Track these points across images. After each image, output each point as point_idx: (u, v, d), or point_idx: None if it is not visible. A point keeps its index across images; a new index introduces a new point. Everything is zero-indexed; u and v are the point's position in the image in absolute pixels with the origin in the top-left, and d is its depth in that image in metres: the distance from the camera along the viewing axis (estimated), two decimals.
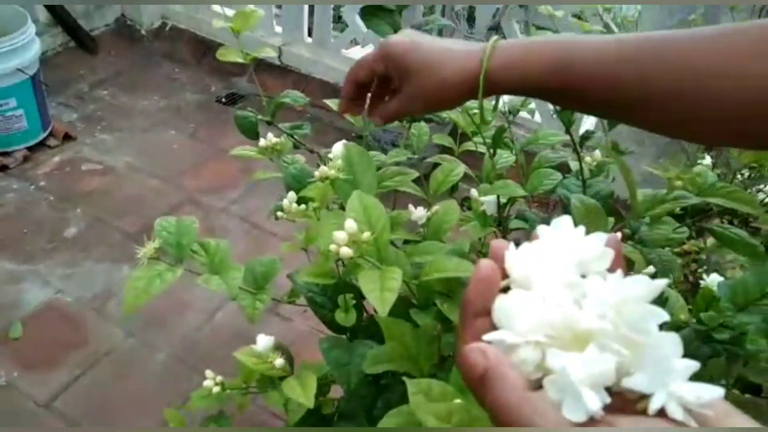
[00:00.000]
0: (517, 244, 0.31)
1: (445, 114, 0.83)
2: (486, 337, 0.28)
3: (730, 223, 1.58)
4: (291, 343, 0.78)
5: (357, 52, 2.57)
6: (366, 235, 0.44)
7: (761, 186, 1.52)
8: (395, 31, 0.77)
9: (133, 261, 1.84)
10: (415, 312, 0.55)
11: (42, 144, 2.26)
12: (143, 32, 2.89)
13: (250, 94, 2.70)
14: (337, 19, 2.77)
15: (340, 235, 0.43)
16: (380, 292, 0.41)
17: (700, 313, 0.74)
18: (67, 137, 2.31)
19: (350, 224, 0.43)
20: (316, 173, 0.54)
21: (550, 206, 1.17)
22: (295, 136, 0.78)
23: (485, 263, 0.30)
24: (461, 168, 0.82)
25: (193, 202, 2.13)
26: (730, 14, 1.60)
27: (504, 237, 0.85)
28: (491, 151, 0.80)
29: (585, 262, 0.29)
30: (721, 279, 0.77)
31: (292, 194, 0.75)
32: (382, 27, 0.76)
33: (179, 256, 0.66)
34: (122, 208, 2.07)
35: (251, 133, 0.74)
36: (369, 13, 0.76)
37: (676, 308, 0.69)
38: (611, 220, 0.64)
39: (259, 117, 0.74)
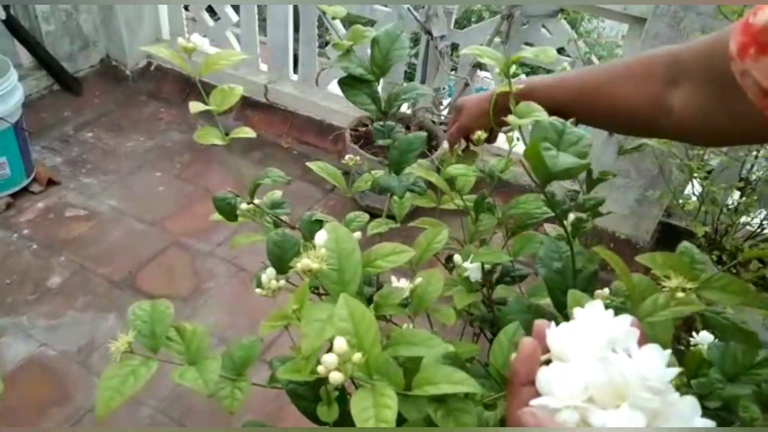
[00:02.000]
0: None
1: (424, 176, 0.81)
2: (533, 402, 0.34)
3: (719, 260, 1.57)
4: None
5: None
6: (357, 356, 0.42)
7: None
8: (373, 101, 0.76)
9: (118, 310, 1.83)
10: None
11: (25, 190, 2.24)
12: (128, 72, 2.88)
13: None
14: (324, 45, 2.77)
15: (330, 359, 0.41)
16: (375, 421, 0.39)
17: (690, 375, 0.72)
18: (51, 182, 2.29)
19: (340, 344, 0.42)
20: (298, 265, 0.52)
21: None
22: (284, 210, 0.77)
23: (528, 341, 0.37)
24: (445, 233, 0.81)
25: (179, 246, 2.11)
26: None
27: (490, 301, 0.83)
28: (473, 215, 0.79)
29: (614, 339, 0.35)
30: (710, 336, 0.76)
31: (271, 271, 0.73)
32: (360, 97, 0.75)
33: (154, 346, 0.64)
34: (107, 255, 2.04)
35: (231, 216, 0.72)
36: (347, 84, 0.75)
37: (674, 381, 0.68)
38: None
39: (238, 197, 0.72)
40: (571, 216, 0.79)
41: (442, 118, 2.20)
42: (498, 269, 0.88)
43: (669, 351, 0.33)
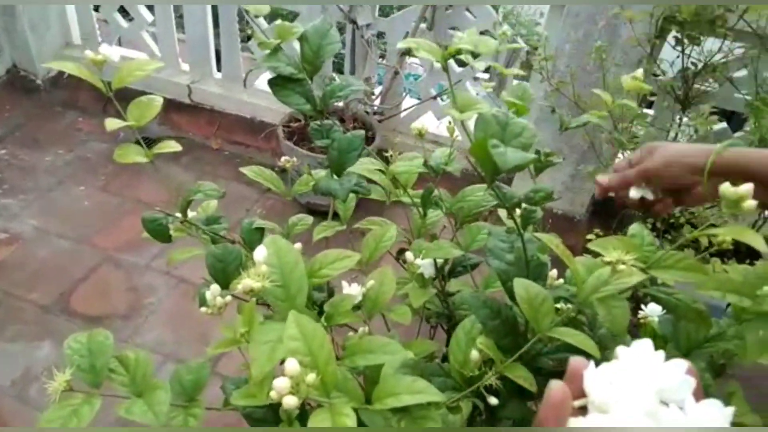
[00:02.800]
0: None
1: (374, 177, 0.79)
2: None
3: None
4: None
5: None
6: (311, 377, 0.39)
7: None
8: (307, 100, 0.73)
9: (53, 336, 1.72)
10: None
11: None
12: (39, 82, 2.71)
13: (162, 137, 2.58)
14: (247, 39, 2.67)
15: (281, 383, 0.38)
16: None
17: None
18: None
19: (292, 366, 0.39)
20: (239, 287, 0.49)
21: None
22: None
23: (558, 388, 0.32)
24: (393, 231, 0.79)
25: (112, 263, 2.00)
26: (630, 26, 1.66)
27: (444, 295, 0.82)
28: (421, 211, 0.77)
29: (665, 390, 0.30)
30: (658, 308, 0.78)
31: (215, 287, 0.69)
32: (292, 98, 0.71)
33: (95, 381, 0.59)
34: (34, 279, 1.91)
35: (163, 237, 0.67)
36: (277, 85, 0.71)
37: None
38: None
39: (170, 216, 0.68)
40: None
41: (375, 108, 2.17)
42: (450, 260, 0.87)
43: (732, 409, 0.29)
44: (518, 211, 0.71)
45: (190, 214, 0.80)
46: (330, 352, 0.43)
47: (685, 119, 1.66)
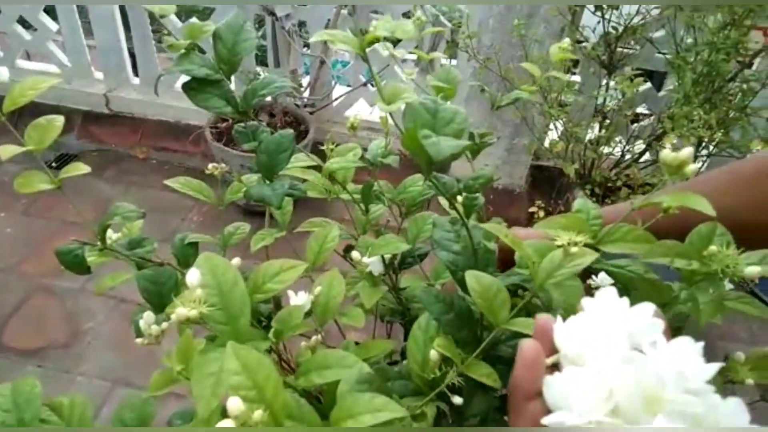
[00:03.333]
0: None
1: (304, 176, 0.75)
2: (545, 420, 0.28)
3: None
4: None
5: None
6: (258, 414, 0.36)
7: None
8: (228, 102, 0.68)
9: None
10: None
11: None
12: None
13: (83, 151, 2.44)
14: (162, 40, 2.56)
15: (226, 424, 0.34)
16: None
17: None
18: None
19: (234, 405, 0.35)
20: (173, 317, 0.45)
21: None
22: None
23: (528, 345, 0.31)
24: (336, 230, 0.75)
25: (44, 290, 1.88)
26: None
27: (396, 290, 0.80)
28: (362, 207, 0.74)
29: (636, 333, 0.30)
30: (609, 278, 0.78)
31: (149, 315, 0.64)
32: (211, 101, 0.66)
33: None
34: None
35: (82, 268, 0.61)
36: (193, 89, 0.66)
37: None
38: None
39: (88, 245, 0.62)
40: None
41: (305, 100, 2.12)
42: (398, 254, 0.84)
43: (701, 343, 0.29)
44: (460, 198, 0.69)
45: (116, 235, 0.74)
46: (278, 382, 0.39)
47: (611, 83, 1.69)
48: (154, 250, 0.66)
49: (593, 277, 0.85)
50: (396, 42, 0.72)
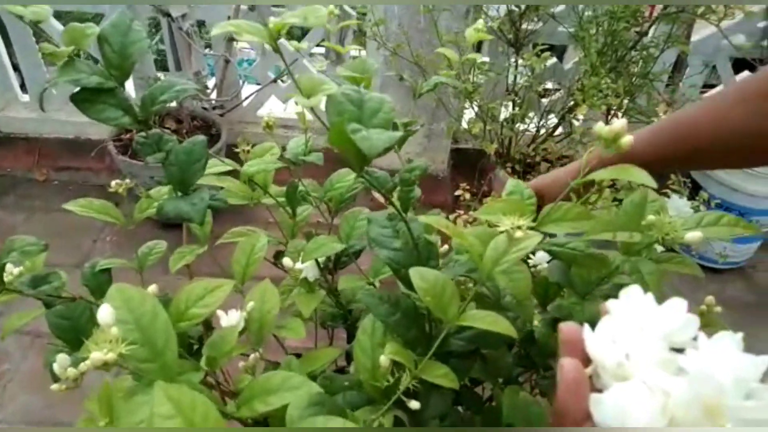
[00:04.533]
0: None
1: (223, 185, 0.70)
2: None
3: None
4: None
5: None
6: None
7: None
8: (125, 111, 0.61)
9: None
10: None
11: None
12: None
13: None
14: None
15: None
16: None
17: (541, 300, 0.73)
18: None
19: None
20: (88, 363, 0.39)
21: None
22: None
23: (569, 366, 0.29)
24: (263, 239, 0.70)
25: None
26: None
27: (335, 293, 0.76)
28: (289, 210, 0.69)
29: (672, 333, 0.28)
30: (546, 255, 0.77)
31: (62, 358, 0.57)
32: (106, 112, 0.59)
33: None
34: None
35: None
36: (84, 100, 0.59)
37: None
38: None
39: None
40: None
41: (213, 102, 2.02)
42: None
43: (740, 334, 0.27)
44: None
45: (18, 269, 0.66)
46: (217, 420, 0.34)
47: (520, 60, 1.71)
48: (63, 285, 0.59)
49: (530, 256, 0.84)
50: (301, 37, 0.67)
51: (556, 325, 0.70)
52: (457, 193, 1.64)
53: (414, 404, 0.50)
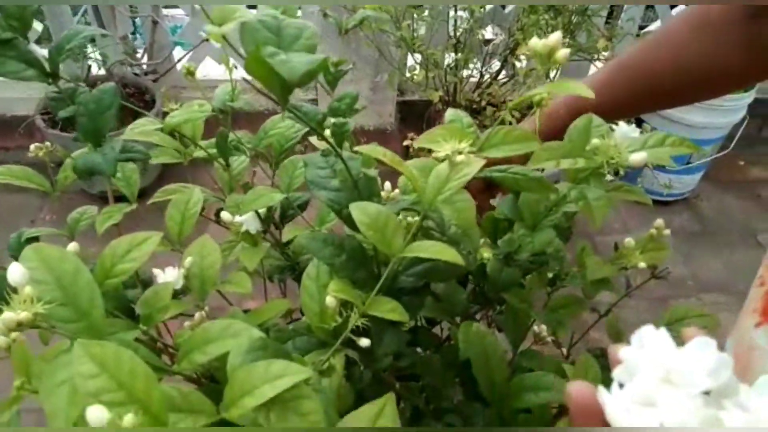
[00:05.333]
0: None
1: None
2: None
3: None
4: None
5: None
6: (129, 419, 0.29)
7: None
8: (29, 64, 0.56)
9: None
10: None
11: None
12: None
13: None
14: None
15: None
16: None
17: (491, 236, 0.72)
18: None
19: (96, 416, 0.28)
20: (0, 325, 0.35)
21: None
22: None
23: (577, 389, 0.25)
24: (197, 193, 0.67)
25: None
26: None
27: (281, 245, 0.73)
28: (222, 162, 0.66)
29: (704, 379, 0.23)
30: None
31: None
32: (7, 65, 0.54)
33: None
34: None
35: None
36: None
37: (480, 249, 0.66)
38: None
39: None
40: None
41: (145, 67, 1.92)
42: (277, 207, 0.77)
43: None
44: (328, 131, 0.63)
45: None
46: (147, 375, 0.32)
47: (459, 6, 1.67)
48: None
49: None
50: None
51: (508, 260, 0.71)
52: (405, 143, 1.62)
53: (364, 341, 0.49)
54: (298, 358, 0.43)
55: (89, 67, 1.85)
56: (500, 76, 1.82)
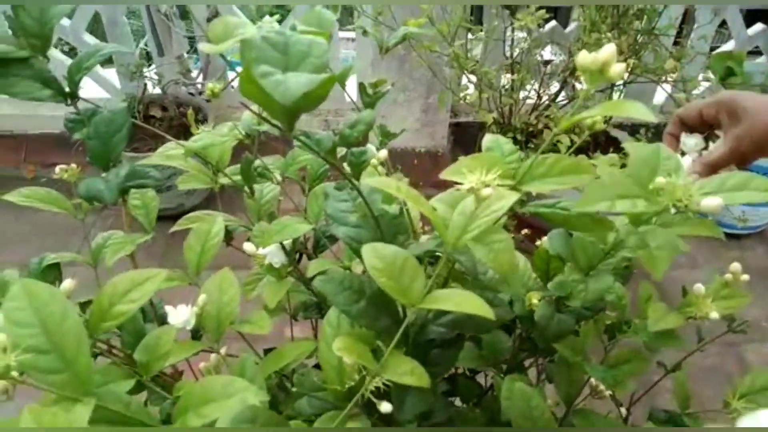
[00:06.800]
0: None
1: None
2: None
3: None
4: None
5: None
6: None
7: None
8: (45, 84, 0.53)
9: None
10: None
11: None
12: None
13: None
14: None
15: None
16: None
17: (543, 276, 0.65)
18: None
19: None
20: None
21: None
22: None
23: None
24: (221, 222, 0.62)
25: None
26: None
27: (305, 279, 0.68)
28: (248, 190, 0.61)
29: None
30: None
31: None
32: (21, 85, 0.52)
33: None
34: None
35: None
36: None
37: (528, 294, 0.59)
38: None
39: None
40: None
41: (199, 87, 1.94)
42: (309, 238, 0.72)
43: None
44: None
45: None
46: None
47: (515, 23, 1.60)
48: None
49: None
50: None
51: (559, 305, 0.63)
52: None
53: (385, 407, 0.43)
54: (299, 427, 0.37)
55: (145, 85, 1.88)
56: (559, 98, 1.73)
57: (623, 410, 0.69)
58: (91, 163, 0.51)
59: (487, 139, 0.49)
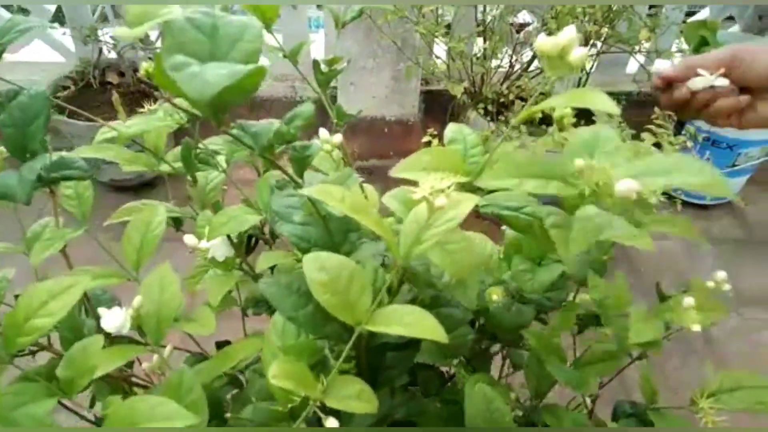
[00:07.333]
0: None
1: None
2: None
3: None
4: None
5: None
6: None
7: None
8: None
9: None
10: None
11: None
12: None
13: None
14: None
15: None
16: None
17: (508, 261, 0.62)
18: None
19: None
20: None
21: None
22: None
23: None
24: (161, 212, 0.58)
25: None
26: None
27: (255, 275, 0.64)
28: (190, 179, 0.57)
29: None
30: None
31: None
32: None
33: None
34: None
35: None
36: None
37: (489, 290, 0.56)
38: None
39: None
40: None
41: (158, 50, 1.84)
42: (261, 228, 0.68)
43: None
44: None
45: None
46: None
47: None
48: None
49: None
50: None
51: (521, 296, 0.60)
52: (425, 139, 1.51)
53: (331, 422, 0.39)
54: None
55: (100, 50, 1.78)
56: (531, 67, 1.69)
57: (588, 400, 0.67)
58: (10, 154, 0.46)
59: (450, 130, 0.45)
